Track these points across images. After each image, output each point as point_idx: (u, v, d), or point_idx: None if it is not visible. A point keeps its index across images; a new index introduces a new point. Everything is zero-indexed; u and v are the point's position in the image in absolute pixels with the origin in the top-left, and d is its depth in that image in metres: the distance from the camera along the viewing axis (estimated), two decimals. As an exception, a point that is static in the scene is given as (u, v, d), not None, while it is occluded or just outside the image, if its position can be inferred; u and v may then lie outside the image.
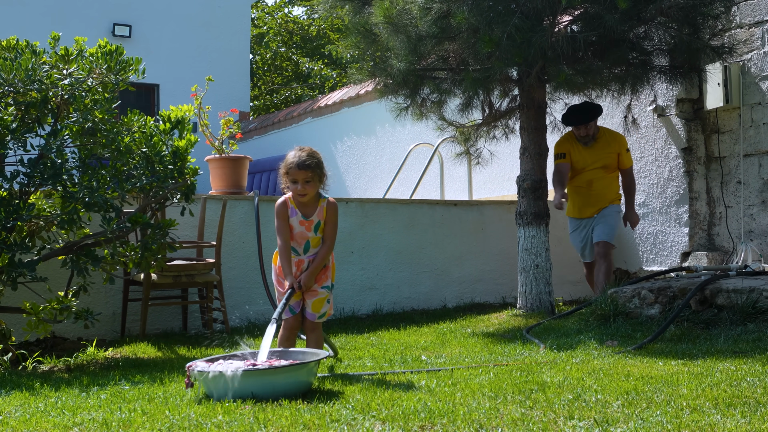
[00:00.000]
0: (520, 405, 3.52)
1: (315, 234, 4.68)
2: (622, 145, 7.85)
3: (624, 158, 7.84)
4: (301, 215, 4.66)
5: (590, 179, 7.80)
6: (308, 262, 4.67)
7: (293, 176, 4.58)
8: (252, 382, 3.75)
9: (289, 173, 4.59)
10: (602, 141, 7.82)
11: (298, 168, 4.55)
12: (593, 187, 7.80)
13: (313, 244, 4.69)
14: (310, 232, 4.67)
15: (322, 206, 4.69)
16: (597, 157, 7.78)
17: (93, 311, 5.51)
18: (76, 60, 5.49)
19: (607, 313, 6.52)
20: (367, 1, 7.63)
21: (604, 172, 7.79)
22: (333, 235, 4.74)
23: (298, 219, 4.66)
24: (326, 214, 4.69)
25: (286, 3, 25.58)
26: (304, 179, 4.56)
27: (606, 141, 7.82)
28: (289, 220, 4.66)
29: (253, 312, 7.38)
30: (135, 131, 5.59)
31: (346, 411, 3.41)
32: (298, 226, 4.67)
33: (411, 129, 10.82)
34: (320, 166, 4.62)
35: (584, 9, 6.90)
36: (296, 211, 4.66)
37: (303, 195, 4.61)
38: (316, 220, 4.67)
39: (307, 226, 4.67)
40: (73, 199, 5.15)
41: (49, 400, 3.88)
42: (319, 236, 4.69)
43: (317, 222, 4.68)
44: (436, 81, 7.74)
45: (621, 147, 7.82)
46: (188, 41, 15.71)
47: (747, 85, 7.68)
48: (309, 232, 4.67)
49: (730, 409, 3.39)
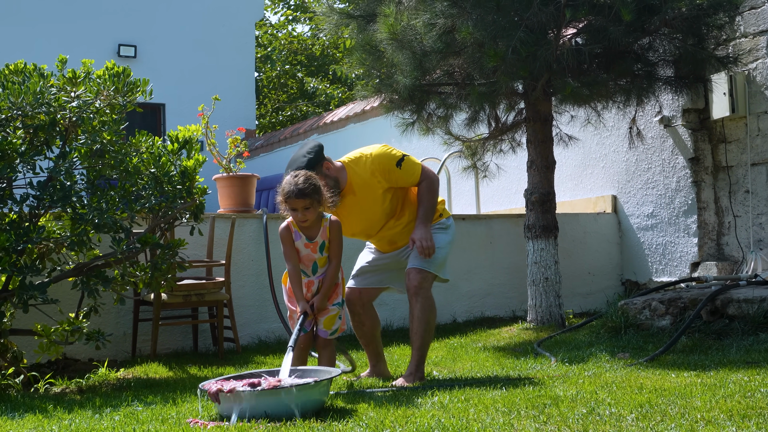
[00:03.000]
0: (534, 420, 3.51)
1: (321, 254, 4.69)
2: (388, 168, 4.96)
3: (402, 179, 5.02)
4: (305, 238, 4.66)
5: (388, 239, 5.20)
6: (318, 283, 4.68)
7: (292, 205, 4.54)
8: (265, 401, 3.74)
9: (288, 202, 4.55)
10: (357, 186, 4.99)
11: (296, 197, 4.51)
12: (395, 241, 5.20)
13: (321, 265, 4.70)
14: (317, 254, 4.68)
15: (325, 226, 4.69)
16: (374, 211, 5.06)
17: (104, 332, 5.52)
18: (84, 82, 5.51)
19: (618, 325, 6.51)
20: (372, 19, 7.65)
21: (394, 221, 5.13)
22: (339, 253, 4.74)
23: (303, 242, 4.67)
24: (330, 234, 4.70)
25: (289, 21, 25.66)
26: (303, 206, 4.54)
27: (360, 187, 4.98)
28: (295, 243, 4.68)
29: (264, 330, 7.38)
30: (143, 152, 5.60)
31: (359, 429, 3.40)
32: (303, 248, 4.68)
33: (417, 144, 10.82)
34: (318, 191, 4.56)
35: (588, 21, 6.92)
36: (300, 234, 4.67)
37: (304, 221, 4.61)
38: (320, 241, 4.67)
39: (313, 248, 4.67)
40: (82, 221, 5.16)
41: (62, 423, 3.88)
42: (326, 256, 4.70)
43: (322, 242, 4.68)
44: (442, 96, 7.76)
45: (387, 173, 4.97)
46: (193, 61, 15.76)
47: (753, 94, 7.68)
48: (315, 253, 4.68)
49: (745, 421, 3.38)
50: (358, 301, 5.20)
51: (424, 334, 5.02)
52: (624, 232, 8.99)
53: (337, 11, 8.00)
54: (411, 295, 5.01)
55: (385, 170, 4.95)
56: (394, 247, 5.21)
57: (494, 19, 6.54)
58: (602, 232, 9.02)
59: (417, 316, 5.01)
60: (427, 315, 5.02)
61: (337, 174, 4.94)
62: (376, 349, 5.32)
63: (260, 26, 24.72)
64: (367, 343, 5.31)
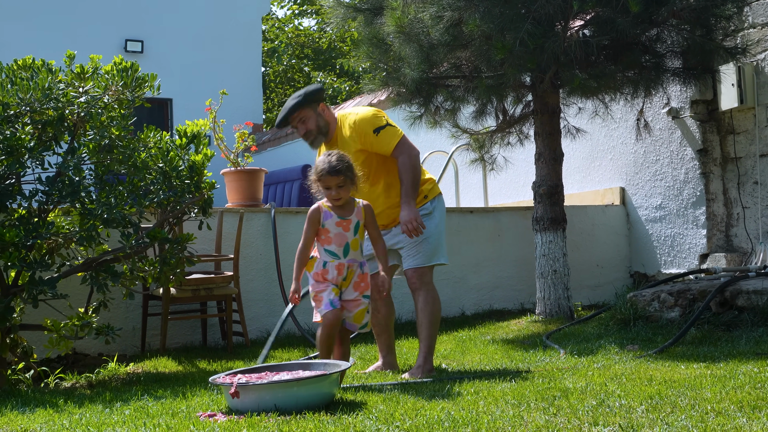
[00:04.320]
0: (543, 412, 3.51)
1: (354, 235, 4.58)
2: (364, 130, 5.11)
3: (377, 145, 5.11)
4: (337, 216, 4.55)
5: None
6: (347, 267, 4.56)
7: (326, 183, 4.51)
8: (275, 394, 3.75)
9: (321, 180, 4.52)
10: (340, 138, 5.24)
11: (330, 174, 4.48)
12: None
13: (353, 247, 4.58)
14: (349, 232, 4.56)
15: (359, 207, 4.62)
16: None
17: (113, 327, 5.53)
18: (92, 78, 5.52)
19: (627, 318, 6.51)
20: (379, 12, 7.65)
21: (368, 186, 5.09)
22: (379, 231, 4.73)
23: (335, 220, 4.55)
24: (365, 215, 4.62)
25: (296, 15, 25.66)
26: (337, 184, 4.49)
27: (342, 137, 5.21)
28: (324, 224, 4.56)
29: (273, 324, 7.39)
30: (151, 147, 5.61)
31: (369, 422, 3.41)
32: (334, 227, 4.55)
33: (425, 137, 10.81)
34: (351, 168, 4.54)
35: (596, 13, 6.90)
36: (331, 213, 4.56)
37: (338, 200, 4.53)
38: (354, 220, 4.57)
39: (345, 226, 4.56)
40: (91, 216, 5.17)
41: (73, 417, 3.90)
42: (358, 239, 4.59)
43: (356, 222, 4.58)
44: (450, 89, 7.75)
45: (362, 135, 5.11)
46: (200, 55, 15.76)
47: (761, 85, 7.65)
48: (347, 232, 4.56)
49: (756, 412, 3.37)
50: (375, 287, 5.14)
51: (429, 325, 5.10)
52: (632, 224, 8.98)
53: (344, 5, 7.99)
54: (413, 290, 5.15)
55: (362, 133, 5.09)
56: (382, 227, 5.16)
57: (501, 11, 6.53)
58: (610, 224, 9.01)
59: (421, 308, 5.12)
60: (430, 306, 5.12)
61: (329, 120, 5.24)
62: (387, 340, 5.32)
63: (267, 20, 24.71)
64: (379, 333, 5.32)
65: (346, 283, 4.60)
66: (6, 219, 5.17)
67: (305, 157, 13.55)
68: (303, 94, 5.21)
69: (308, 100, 5.18)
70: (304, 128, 5.23)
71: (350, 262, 4.58)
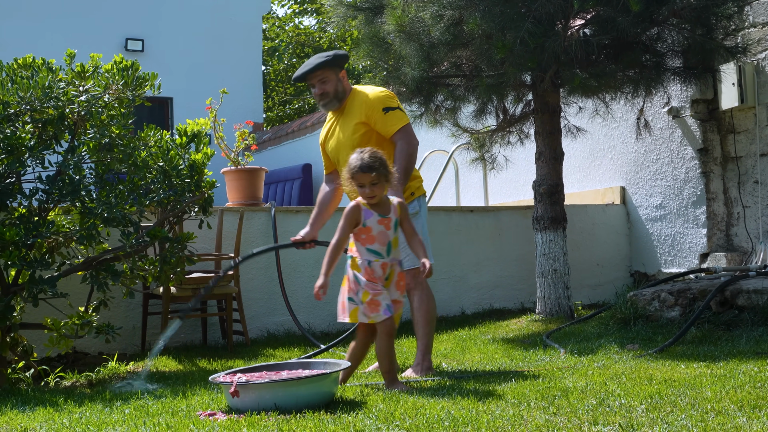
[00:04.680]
0: (543, 411, 3.51)
1: (395, 233, 4.49)
2: (374, 106, 5.19)
3: (381, 123, 5.18)
4: (377, 214, 4.46)
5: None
6: (391, 266, 4.45)
7: (359, 180, 4.41)
8: (275, 393, 3.75)
9: (355, 178, 4.42)
10: (348, 109, 5.31)
11: (362, 171, 4.39)
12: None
13: (394, 245, 4.49)
14: (390, 231, 4.47)
15: (394, 204, 4.52)
16: (347, 135, 5.29)
17: (113, 326, 5.53)
18: (92, 76, 5.52)
19: (627, 317, 6.51)
20: (379, 11, 7.64)
21: None
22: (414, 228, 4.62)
23: (376, 219, 4.45)
24: (401, 211, 4.53)
25: (296, 14, 25.66)
26: (371, 182, 4.39)
27: (351, 109, 5.29)
28: (366, 223, 4.45)
29: (273, 323, 7.39)
30: (152, 146, 5.61)
31: (369, 421, 3.41)
32: (377, 225, 4.45)
33: (425, 136, 10.79)
34: (384, 165, 4.45)
35: (596, 12, 6.90)
36: (371, 212, 4.46)
37: (372, 197, 4.44)
38: (393, 218, 4.49)
39: (387, 224, 4.47)
40: (91, 215, 5.17)
41: (73, 416, 3.90)
42: (397, 236, 4.50)
43: (395, 220, 4.50)
44: (450, 88, 7.75)
45: (371, 109, 5.18)
46: (200, 54, 15.76)
47: (762, 85, 7.65)
48: (389, 230, 4.47)
49: (756, 411, 3.37)
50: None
51: (426, 324, 5.11)
52: (633, 224, 8.98)
53: (345, 3, 7.98)
54: (408, 290, 5.08)
55: (371, 108, 5.16)
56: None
57: (502, 10, 6.52)
58: (611, 224, 9.01)
59: (416, 307, 5.14)
60: (426, 305, 5.13)
61: (346, 88, 5.32)
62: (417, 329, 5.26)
63: (267, 19, 24.71)
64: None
65: (388, 283, 4.48)
66: (6, 218, 5.17)
67: (305, 156, 13.56)
68: (333, 55, 5.26)
69: (336, 62, 5.25)
70: (322, 89, 5.25)
71: (392, 261, 4.48)
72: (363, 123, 5.17)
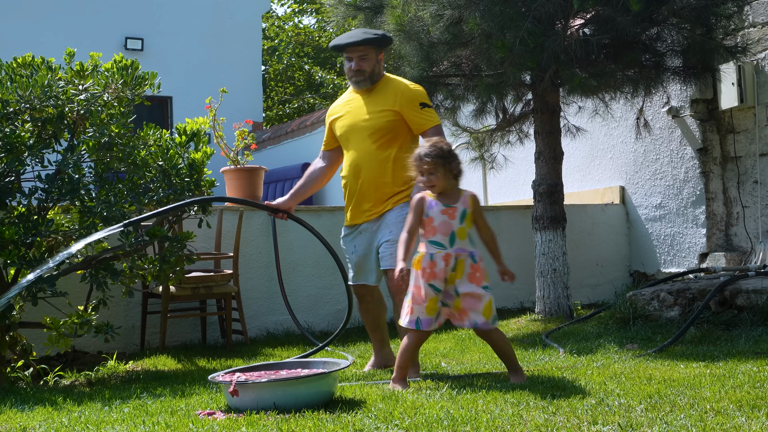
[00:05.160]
0: (543, 411, 3.51)
1: (460, 224, 4.42)
2: (412, 98, 5.10)
3: (415, 116, 5.09)
4: (441, 204, 4.44)
5: (356, 162, 5.14)
6: (455, 257, 4.40)
7: (419, 168, 4.46)
8: (275, 392, 3.75)
9: (416, 166, 4.48)
10: (378, 92, 5.18)
11: (419, 159, 4.44)
12: (361, 176, 5.13)
13: (459, 236, 4.42)
14: (455, 220, 4.42)
15: (466, 195, 4.47)
16: (367, 118, 5.15)
17: (113, 325, 5.52)
18: (92, 75, 5.52)
19: (626, 317, 6.51)
20: (379, 10, 7.64)
21: (376, 147, 5.07)
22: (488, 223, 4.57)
23: (440, 209, 4.43)
24: (472, 204, 4.46)
25: (296, 13, 25.65)
26: (428, 170, 4.41)
27: (382, 93, 5.16)
28: (428, 213, 4.43)
29: (272, 322, 7.39)
30: (151, 145, 5.61)
31: (368, 420, 3.41)
32: (439, 215, 4.42)
33: (424, 136, 10.81)
34: (443, 156, 4.42)
35: (596, 12, 6.90)
36: (435, 202, 4.45)
37: (431, 186, 4.45)
38: (461, 208, 4.43)
39: (451, 214, 4.42)
40: (91, 214, 5.18)
41: (72, 415, 3.90)
42: (465, 227, 4.43)
43: (462, 210, 4.43)
44: (450, 87, 7.74)
45: (409, 101, 5.08)
46: (200, 53, 15.75)
47: (761, 84, 7.65)
48: (453, 220, 4.42)
49: (755, 411, 3.37)
50: (367, 293, 5.28)
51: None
52: (632, 223, 8.98)
53: (345, 3, 7.98)
54: (394, 293, 4.95)
55: (408, 99, 5.07)
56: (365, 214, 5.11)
57: (501, 10, 6.52)
58: (610, 223, 9.01)
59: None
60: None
61: (381, 72, 5.21)
62: (382, 335, 5.31)
63: (267, 18, 24.70)
64: (373, 329, 5.32)
65: (458, 275, 4.41)
66: (5, 217, 5.17)
67: (305, 155, 13.55)
68: (381, 34, 5.16)
69: (381, 42, 5.15)
70: (360, 65, 5.12)
71: (458, 252, 4.41)
72: (394, 111, 5.06)
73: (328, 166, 5.44)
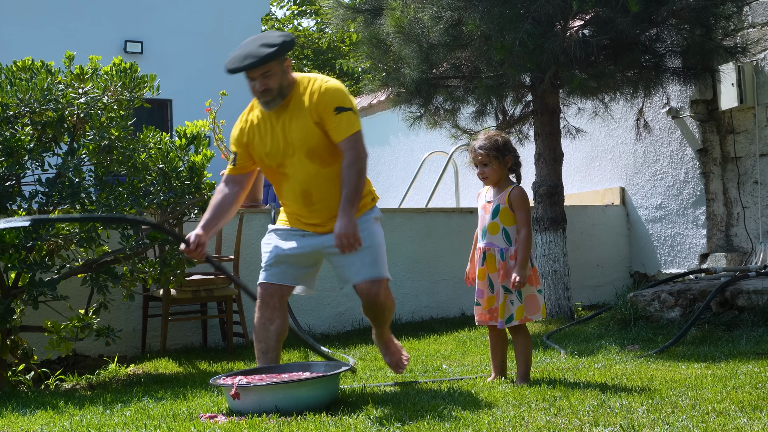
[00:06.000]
0: (544, 412, 3.51)
1: (492, 219, 4.43)
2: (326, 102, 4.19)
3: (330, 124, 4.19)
4: (485, 199, 4.51)
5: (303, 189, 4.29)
6: (484, 251, 4.43)
7: (473, 160, 4.51)
8: (276, 395, 3.75)
9: (471, 158, 4.54)
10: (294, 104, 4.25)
11: (474, 151, 4.48)
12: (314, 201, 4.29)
13: (490, 231, 4.44)
14: (488, 215, 4.46)
15: (507, 191, 4.46)
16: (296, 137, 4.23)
17: (114, 328, 5.52)
18: (91, 78, 5.52)
19: (627, 318, 6.50)
20: (379, 13, 7.64)
21: (319, 166, 4.24)
22: (528, 221, 4.41)
23: (482, 202, 4.52)
24: (510, 200, 4.43)
25: (295, 15, 25.66)
26: (482, 162, 4.45)
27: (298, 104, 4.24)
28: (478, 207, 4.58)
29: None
30: (151, 148, 5.61)
31: (370, 422, 3.41)
32: (480, 209, 4.52)
33: (425, 137, 10.81)
34: (497, 148, 4.43)
35: (595, 13, 6.90)
36: (484, 195, 4.55)
37: (484, 178, 4.48)
38: (495, 203, 4.46)
39: (486, 209, 4.48)
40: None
41: (74, 419, 3.89)
42: (497, 222, 4.42)
43: (495, 206, 4.45)
44: (449, 89, 7.74)
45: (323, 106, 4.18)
46: (200, 56, 15.72)
47: (761, 85, 7.65)
48: (487, 214, 4.47)
49: (756, 412, 3.37)
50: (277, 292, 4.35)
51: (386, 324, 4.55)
52: (632, 224, 8.98)
53: (344, 5, 7.99)
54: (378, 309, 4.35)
55: (323, 105, 4.17)
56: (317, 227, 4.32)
57: (501, 11, 6.52)
58: (610, 224, 9.00)
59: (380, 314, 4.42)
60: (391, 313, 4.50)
61: (290, 80, 4.26)
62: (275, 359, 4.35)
63: (266, 21, 24.71)
64: (267, 350, 4.32)
65: (490, 269, 4.43)
66: (6, 220, 5.17)
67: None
68: (280, 43, 4.16)
69: (283, 51, 4.17)
70: (266, 84, 4.18)
71: (487, 246, 4.44)
72: (315, 123, 4.19)
73: (239, 191, 4.44)
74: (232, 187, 4.41)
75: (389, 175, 12.41)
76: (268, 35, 4.25)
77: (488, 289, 4.45)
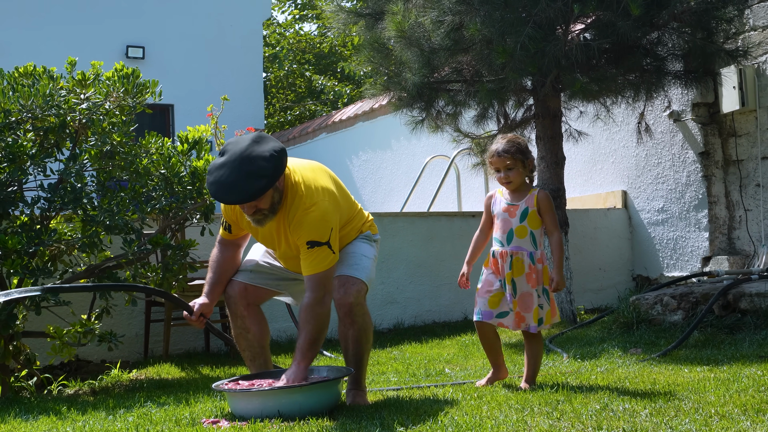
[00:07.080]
0: (547, 416, 3.50)
1: (520, 222, 4.43)
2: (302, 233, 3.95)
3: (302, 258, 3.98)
4: (506, 202, 4.50)
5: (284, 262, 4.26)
6: (511, 255, 4.41)
7: (495, 165, 4.48)
8: (279, 400, 3.75)
9: (492, 163, 4.50)
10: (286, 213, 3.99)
11: (498, 156, 4.45)
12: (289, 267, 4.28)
13: (518, 234, 4.43)
14: (515, 218, 4.44)
15: (533, 194, 4.47)
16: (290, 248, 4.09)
17: (116, 333, 5.53)
18: (93, 84, 5.53)
19: (630, 321, 6.50)
20: (380, 17, 7.65)
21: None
22: (556, 223, 4.48)
23: (503, 206, 4.49)
24: (538, 203, 4.45)
25: (297, 20, 25.67)
26: (506, 167, 4.44)
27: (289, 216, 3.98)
28: (494, 210, 4.53)
29: (274, 330, 7.37)
30: (153, 153, 5.61)
31: (372, 427, 3.40)
32: (501, 213, 4.48)
33: (426, 141, 10.82)
34: (521, 151, 4.46)
35: (597, 16, 6.90)
36: (502, 199, 4.53)
37: (508, 182, 4.49)
38: (523, 207, 4.45)
39: (512, 212, 4.45)
40: (93, 223, 5.18)
41: (76, 424, 3.89)
42: (525, 226, 4.42)
43: (524, 209, 4.45)
44: (451, 93, 7.75)
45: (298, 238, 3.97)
46: (201, 61, 15.74)
47: (763, 87, 7.65)
48: (513, 218, 4.44)
49: (759, 415, 3.37)
50: (242, 299, 4.21)
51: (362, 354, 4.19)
52: (634, 228, 8.97)
53: (346, 10, 8.00)
54: (345, 312, 4.09)
55: (296, 235, 3.97)
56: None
57: (502, 15, 6.53)
58: (613, 228, 9.00)
59: (353, 337, 4.13)
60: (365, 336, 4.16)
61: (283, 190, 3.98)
62: (265, 364, 4.32)
63: (267, 26, 24.73)
64: (253, 357, 4.31)
65: (515, 273, 4.41)
66: (8, 226, 5.17)
67: (307, 162, 13.53)
68: (270, 175, 3.78)
69: (275, 179, 3.82)
70: (257, 207, 3.89)
71: (514, 250, 4.43)
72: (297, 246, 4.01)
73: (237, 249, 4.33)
74: (230, 248, 4.29)
75: (391, 179, 12.41)
76: (255, 159, 3.79)
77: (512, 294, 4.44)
